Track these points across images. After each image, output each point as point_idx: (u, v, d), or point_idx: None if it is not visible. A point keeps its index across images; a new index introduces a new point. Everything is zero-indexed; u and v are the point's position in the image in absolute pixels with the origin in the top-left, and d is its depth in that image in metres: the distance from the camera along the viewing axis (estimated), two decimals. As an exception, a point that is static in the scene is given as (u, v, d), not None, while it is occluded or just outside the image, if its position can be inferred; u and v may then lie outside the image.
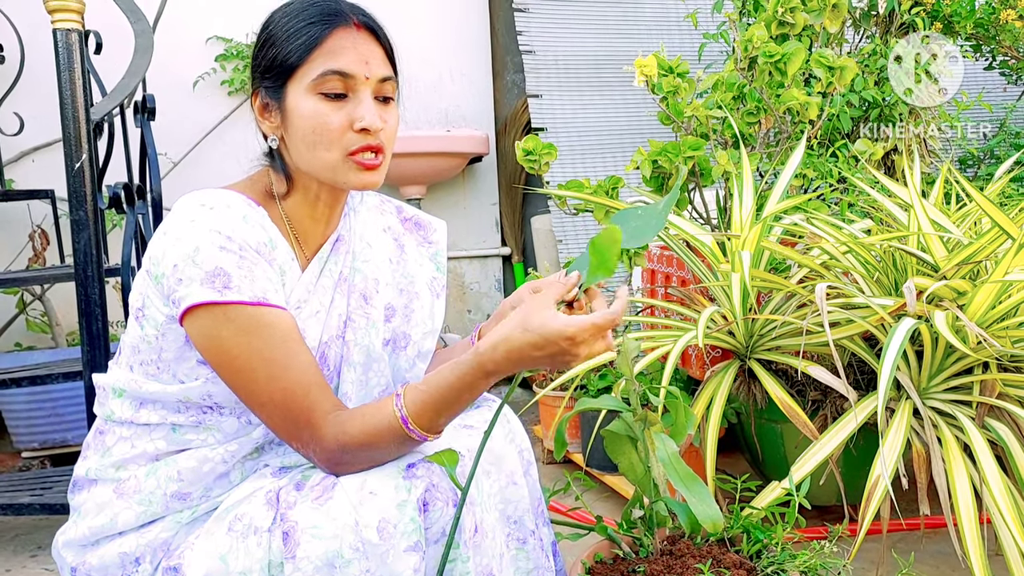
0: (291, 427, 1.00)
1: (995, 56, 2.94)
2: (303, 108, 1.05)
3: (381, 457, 1.01)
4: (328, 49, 1.04)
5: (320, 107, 1.04)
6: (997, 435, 1.56)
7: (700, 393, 1.82)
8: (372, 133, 1.05)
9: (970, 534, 1.41)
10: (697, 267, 2.00)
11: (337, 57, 1.04)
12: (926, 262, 1.70)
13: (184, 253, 0.98)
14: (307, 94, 1.05)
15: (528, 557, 1.16)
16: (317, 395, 1.00)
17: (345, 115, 1.05)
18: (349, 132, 1.05)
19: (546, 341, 0.93)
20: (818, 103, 2.12)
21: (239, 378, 1.00)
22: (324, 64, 1.04)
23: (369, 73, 1.05)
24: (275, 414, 1.00)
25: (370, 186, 1.09)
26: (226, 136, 3.27)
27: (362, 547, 0.95)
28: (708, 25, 3.06)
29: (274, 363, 0.99)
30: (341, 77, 1.04)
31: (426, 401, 0.98)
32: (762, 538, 1.22)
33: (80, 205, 1.84)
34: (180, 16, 3.12)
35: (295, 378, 0.99)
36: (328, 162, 1.06)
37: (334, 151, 1.05)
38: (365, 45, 1.06)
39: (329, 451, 1.00)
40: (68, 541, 1.11)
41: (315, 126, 1.04)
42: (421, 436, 0.99)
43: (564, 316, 0.93)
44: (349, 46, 1.05)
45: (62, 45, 1.80)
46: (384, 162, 1.09)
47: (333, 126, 1.04)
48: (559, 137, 3.29)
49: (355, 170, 1.06)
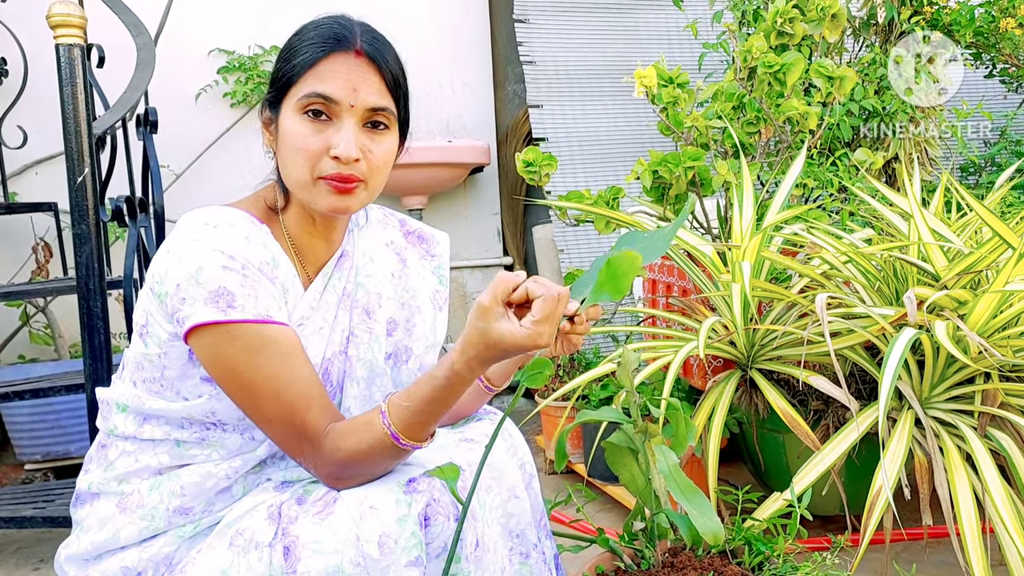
0: (294, 442, 1.01)
1: (995, 64, 2.95)
2: (288, 125, 1.06)
3: (378, 469, 1.02)
4: (319, 72, 1.04)
5: (302, 127, 1.05)
6: (999, 444, 1.56)
7: (701, 403, 1.82)
8: (344, 162, 1.04)
9: (973, 544, 1.41)
10: (698, 277, 2.01)
11: (325, 81, 1.04)
12: (927, 272, 1.70)
13: (187, 272, 0.99)
14: (294, 112, 1.05)
15: (531, 571, 1.16)
16: (318, 411, 1.01)
17: (323, 139, 1.05)
18: (325, 157, 1.05)
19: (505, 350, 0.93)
20: (818, 113, 2.13)
21: (244, 394, 1.00)
22: (312, 86, 1.04)
23: (355, 101, 1.05)
24: (279, 429, 1.01)
25: (340, 211, 1.08)
26: (229, 148, 3.27)
27: (363, 562, 0.95)
28: (708, 35, 3.08)
29: (278, 379, 0.99)
30: (324, 101, 1.04)
31: (411, 416, 0.99)
32: (764, 550, 1.22)
33: (82, 218, 1.85)
34: (182, 29, 3.14)
35: (298, 392, 1.00)
36: (301, 181, 1.06)
37: (307, 172, 1.05)
38: (359, 72, 1.05)
39: (328, 466, 1.01)
40: (70, 555, 1.11)
41: (294, 145, 1.05)
42: (413, 446, 1.01)
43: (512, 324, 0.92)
44: (341, 71, 1.04)
45: (64, 60, 1.81)
46: (361, 190, 1.08)
47: (309, 148, 1.04)
48: (560, 147, 3.30)
49: (325, 192, 1.06)
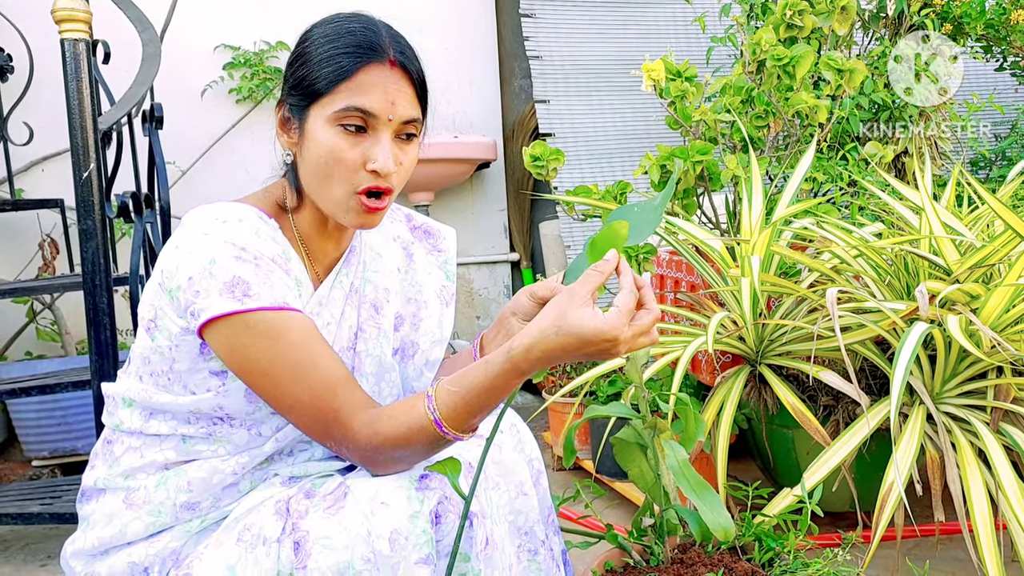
0: (321, 427, 0.99)
1: (1006, 57, 2.92)
2: (320, 136, 1.04)
3: (414, 457, 0.99)
4: (356, 84, 1.02)
5: (338, 140, 1.03)
6: (1012, 440, 1.54)
7: (710, 399, 1.81)
8: (383, 176, 1.04)
9: (986, 540, 1.39)
10: (706, 272, 1.99)
11: (364, 95, 1.02)
12: (938, 266, 1.68)
13: (200, 266, 0.98)
14: (327, 124, 1.03)
15: (540, 568, 1.15)
16: (344, 393, 0.99)
17: (360, 153, 1.03)
18: (361, 170, 1.04)
19: (583, 342, 0.89)
20: (827, 106, 2.11)
21: (266, 383, 0.99)
22: (349, 99, 1.02)
23: (393, 114, 1.04)
24: (304, 416, 0.99)
25: (368, 227, 1.08)
26: (235, 144, 3.27)
27: (373, 558, 0.94)
28: (716, 29, 3.06)
29: (299, 365, 0.98)
30: (363, 115, 1.03)
31: (458, 404, 0.94)
32: (774, 546, 1.21)
33: (88, 214, 1.84)
34: (187, 25, 3.13)
35: (321, 378, 0.98)
36: (334, 196, 1.05)
37: (343, 186, 1.04)
38: (395, 85, 1.04)
39: (363, 450, 0.98)
40: (77, 551, 1.11)
41: (329, 158, 1.03)
42: (456, 436, 0.96)
43: (600, 316, 0.88)
44: (379, 84, 1.03)
45: (70, 55, 1.80)
46: (389, 204, 1.08)
47: (347, 161, 1.03)
48: (567, 142, 3.28)
49: (356, 210, 1.05)
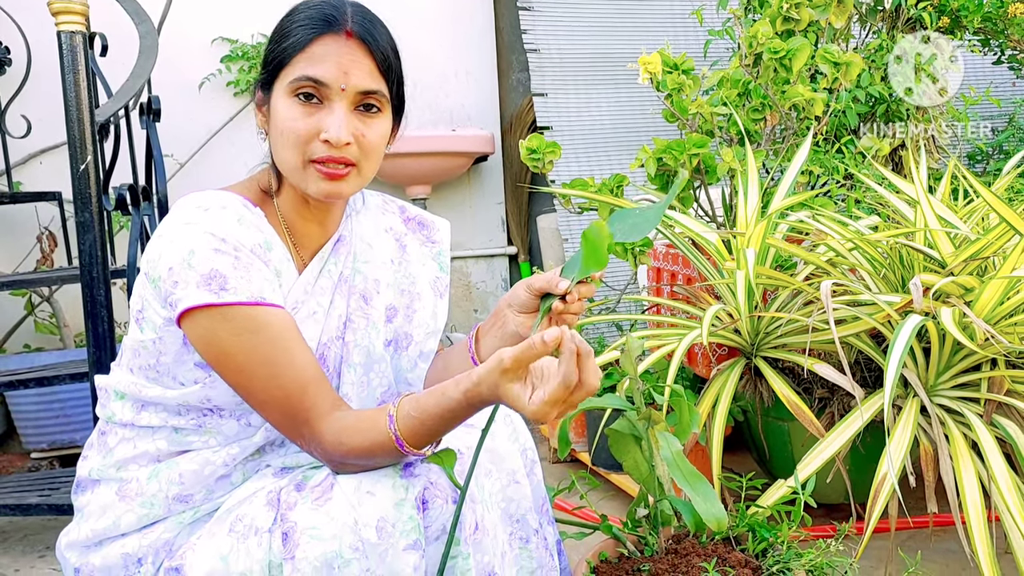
0: (291, 425, 1.01)
1: (1003, 50, 2.92)
2: (279, 107, 1.05)
3: (378, 465, 1.02)
4: (310, 54, 1.04)
5: (293, 110, 1.04)
6: (1005, 432, 1.55)
7: (706, 391, 1.81)
8: (335, 146, 1.04)
9: (978, 532, 1.40)
10: (702, 265, 1.99)
11: (315, 64, 1.03)
12: (933, 258, 1.69)
13: (179, 256, 0.99)
14: (285, 95, 1.05)
15: (531, 556, 1.16)
16: (315, 394, 1.00)
17: (314, 122, 1.04)
18: (315, 140, 1.04)
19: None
20: (824, 99, 2.11)
21: (239, 377, 1.00)
22: (302, 69, 1.03)
23: (346, 84, 1.04)
24: (275, 412, 1.01)
25: (333, 196, 1.07)
26: (233, 137, 3.27)
27: (361, 546, 0.95)
28: (713, 22, 3.05)
29: (272, 362, 0.99)
30: (314, 84, 1.03)
31: (417, 428, 0.97)
32: (768, 537, 1.22)
33: (85, 207, 1.84)
34: (185, 17, 3.13)
35: (293, 376, 1.00)
36: (292, 165, 1.06)
37: (297, 155, 1.05)
38: (350, 55, 1.04)
39: (328, 455, 1.01)
40: (71, 542, 1.11)
41: (284, 128, 1.04)
42: (416, 455, 1.00)
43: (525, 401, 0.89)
44: (332, 54, 1.03)
45: (66, 47, 1.80)
46: (354, 174, 1.07)
47: (300, 131, 1.04)
48: (564, 135, 3.28)
49: (316, 178, 1.05)
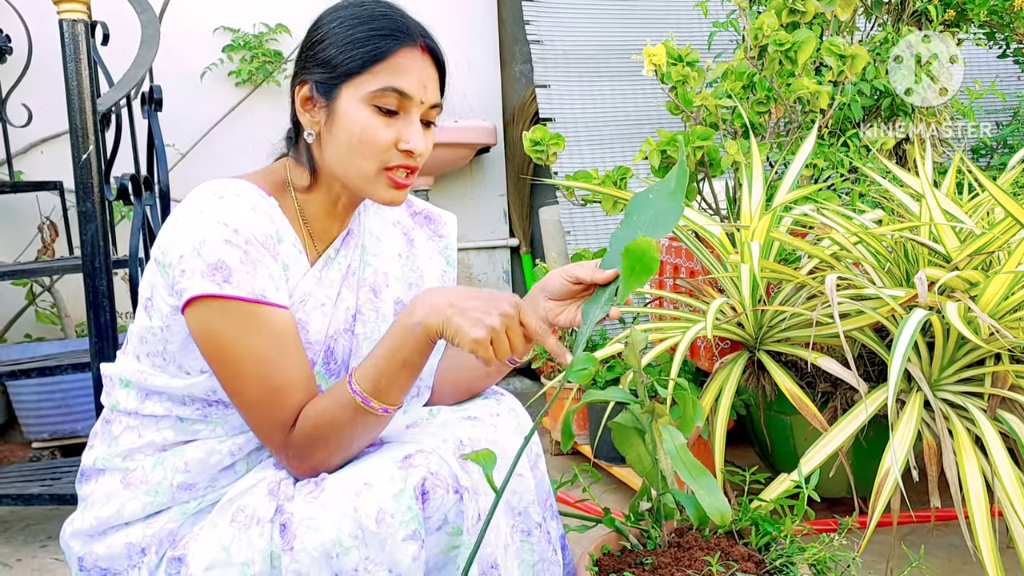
0: (267, 426, 1.02)
1: (1009, 44, 2.90)
2: (354, 114, 1.06)
3: (347, 439, 1.02)
4: (393, 65, 1.06)
5: (372, 119, 1.06)
6: (1009, 427, 1.54)
7: (709, 385, 1.81)
8: (414, 156, 1.07)
9: (981, 527, 1.40)
10: (706, 258, 1.99)
11: (401, 76, 1.06)
12: (938, 252, 1.68)
13: (191, 245, 0.99)
14: (362, 103, 1.06)
15: (533, 549, 1.16)
16: (300, 401, 1.02)
17: (395, 132, 1.06)
18: (393, 149, 1.07)
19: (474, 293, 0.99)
20: (829, 92, 2.10)
21: (228, 371, 1.01)
22: (387, 80, 1.05)
23: (425, 97, 1.08)
24: (255, 412, 1.02)
25: (396, 203, 1.11)
26: (235, 127, 3.26)
27: (361, 534, 0.96)
28: (718, 13, 3.03)
29: (265, 362, 1.00)
30: (399, 96, 1.06)
31: (375, 377, 1.00)
32: (771, 530, 1.21)
33: (87, 196, 1.84)
34: (186, 7, 3.11)
35: (283, 377, 1.00)
36: (364, 172, 1.07)
37: (373, 163, 1.07)
38: (427, 70, 1.09)
39: (296, 443, 1.01)
40: (75, 531, 1.11)
41: (363, 136, 1.06)
42: (383, 408, 1.00)
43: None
44: (414, 68, 1.07)
45: (68, 36, 1.79)
46: (412, 182, 1.12)
47: (381, 140, 1.06)
48: (567, 127, 3.27)
49: (386, 185, 1.09)
